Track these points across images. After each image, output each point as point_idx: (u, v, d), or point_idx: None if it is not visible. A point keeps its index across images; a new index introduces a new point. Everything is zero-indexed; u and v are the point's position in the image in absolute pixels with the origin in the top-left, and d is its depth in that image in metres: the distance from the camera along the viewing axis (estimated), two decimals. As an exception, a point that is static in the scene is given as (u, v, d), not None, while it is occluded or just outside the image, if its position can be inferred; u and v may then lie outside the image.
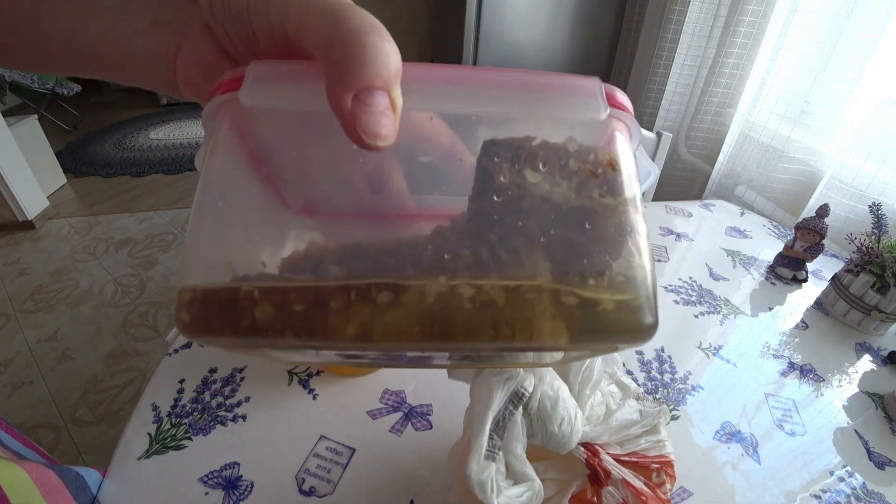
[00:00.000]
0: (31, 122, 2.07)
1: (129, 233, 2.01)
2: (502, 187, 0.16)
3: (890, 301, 0.59)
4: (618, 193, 0.17)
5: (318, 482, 0.40)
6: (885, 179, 0.81)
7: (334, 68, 0.14)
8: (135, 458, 0.41)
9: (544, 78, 0.17)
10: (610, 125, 0.18)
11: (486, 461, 0.26)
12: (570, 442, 0.28)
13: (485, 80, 0.16)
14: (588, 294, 0.16)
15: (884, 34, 0.83)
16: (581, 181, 0.17)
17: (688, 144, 1.36)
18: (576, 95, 0.17)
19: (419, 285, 0.15)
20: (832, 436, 0.48)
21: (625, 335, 0.16)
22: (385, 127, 0.14)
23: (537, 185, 0.16)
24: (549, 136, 0.17)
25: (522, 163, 0.17)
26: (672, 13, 1.30)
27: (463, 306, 0.15)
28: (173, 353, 0.51)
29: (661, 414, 0.32)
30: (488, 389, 0.27)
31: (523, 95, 0.16)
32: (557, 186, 0.16)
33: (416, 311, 0.15)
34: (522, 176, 0.16)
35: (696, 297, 0.66)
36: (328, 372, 0.49)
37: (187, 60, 0.19)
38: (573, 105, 0.17)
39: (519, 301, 0.15)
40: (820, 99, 0.94)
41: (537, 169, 0.16)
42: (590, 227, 0.16)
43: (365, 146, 0.14)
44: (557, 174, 0.17)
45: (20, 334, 1.46)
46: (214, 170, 0.17)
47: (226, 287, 0.15)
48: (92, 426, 1.20)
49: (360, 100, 0.13)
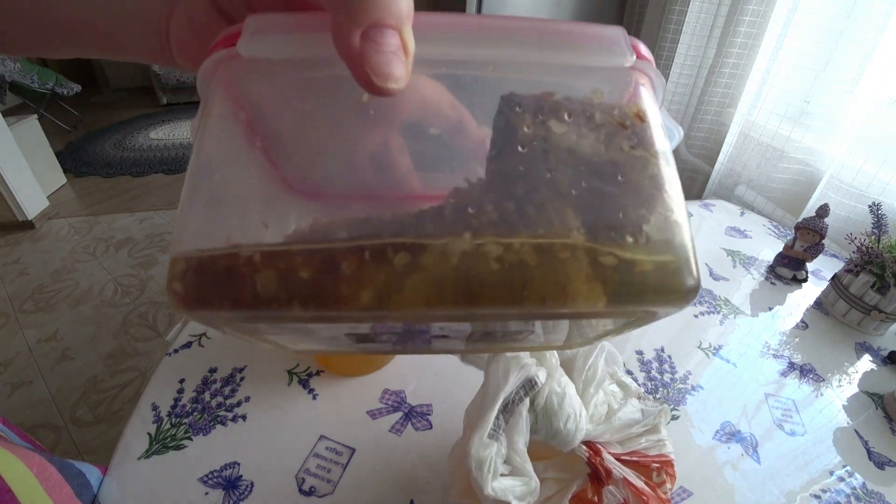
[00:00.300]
0: (31, 121, 2.07)
1: (129, 233, 2.01)
2: (526, 138, 0.15)
3: (890, 301, 0.59)
4: (649, 146, 0.16)
5: (318, 482, 0.40)
6: (885, 179, 0.80)
7: (341, 7, 0.12)
8: (135, 457, 0.41)
9: (566, 25, 0.16)
10: (633, 78, 0.17)
11: (489, 439, 0.25)
12: (574, 439, 0.28)
13: (503, 27, 0.15)
14: (626, 254, 0.14)
15: (884, 34, 0.83)
16: (609, 133, 0.15)
17: (688, 144, 1.36)
18: (601, 41, 0.16)
19: (441, 244, 0.13)
20: (832, 436, 0.48)
21: (667, 298, 0.14)
22: (397, 68, 0.12)
23: (564, 137, 0.15)
24: (571, 88, 0.16)
25: (546, 113, 0.15)
26: (672, 13, 1.30)
27: (490, 267, 0.13)
28: (173, 353, 0.51)
29: (661, 413, 0.33)
30: (505, 371, 0.26)
31: (544, 40, 0.15)
32: (585, 138, 0.15)
33: (438, 274, 0.13)
34: (547, 127, 0.15)
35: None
36: (328, 372, 0.49)
37: (181, 21, 0.18)
38: (598, 51, 0.16)
39: (552, 261, 0.14)
40: (820, 99, 0.94)
41: (563, 120, 0.15)
42: (623, 180, 0.15)
43: (374, 89, 0.13)
44: (584, 125, 0.16)
45: (20, 334, 1.46)
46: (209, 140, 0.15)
47: (223, 253, 0.13)
48: (92, 426, 1.20)
49: (369, 37, 0.12)
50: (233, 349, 0.51)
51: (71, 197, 2.29)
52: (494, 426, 0.26)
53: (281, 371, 0.50)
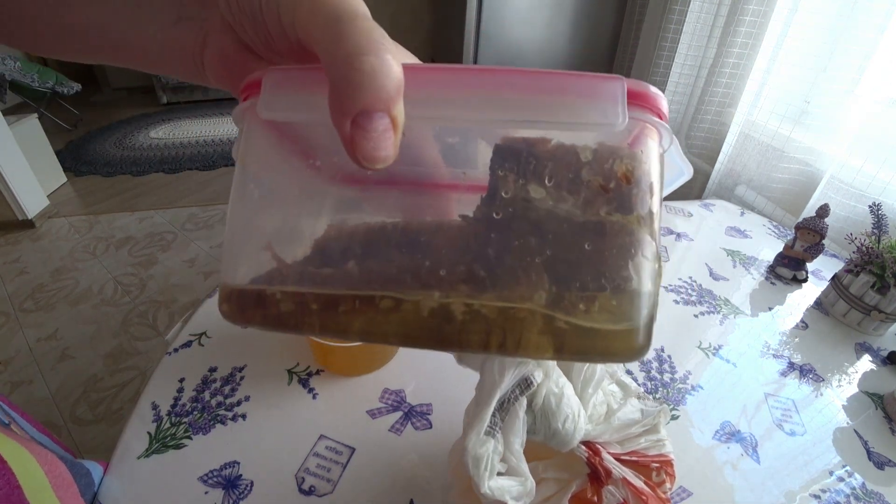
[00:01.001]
0: (32, 120, 2.06)
1: (129, 232, 2.01)
2: (504, 203, 0.16)
3: (890, 301, 0.59)
4: (628, 210, 0.16)
5: (318, 481, 0.40)
6: (885, 179, 0.81)
7: (334, 89, 0.14)
8: (135, 457, 0.41)
9: (559, 80, 0.15)
10: (637, 126, 0.16)
11: (485, 436, 0.26)
12: (572, 440, 0.28)
13: (493, 83, 0.15)
14: (577, 321, 0.16)
15: (884, 34, 0.83)
16: (589, 196, 0.16)
17: (688, 144, 1.36)
18: (594, 100, 0.15)
19: (415, 300, 0.16)
20: (832, 436, 0.48)
21: (613, 358, 0.16)
22: (383, 149, 0.14)
23: (542, 202, 0.16)
24: (566, 139, 0.16)
25: (529, 175, 0.16)
26: (672, 13, 1.30)
27: (455, 319, 0.16)
28: (173, 353, 0.51)
29: (661, 413, 0.33)
30: (501, 369, 0.27)
31: (535, 100, 0.15)
32: (563, 202, 0.16)
33: (412, 319, 0.16)
34: (526, 190, 0.16)
35: (696, 296, 0.66)
36: (328, 371, 0.49)
37: (214, 54, 0.19)
38: (589, 111, 0.15)
39: (510, 319, 0.16)
40: (820, 99, 0.94)
41: (543, 183, 0.16)
42: (590, 248, 0.16)
43: (364, 168, 0.14)
44: (565, 188, 0.16)
45: (20, 333, 1.46)
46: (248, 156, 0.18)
47: (255, 289, 0.18)
48: (92, 425, 1.20)
49: (358, 124, 0.13)
50: (233, 349, 0.51)
51: (71, 196, 2.29)
52: (491, 423, 0.26)
53: (281, 370, 0.50)
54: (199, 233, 2.00)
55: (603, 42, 1.68)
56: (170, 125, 3.16)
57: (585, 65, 1.70)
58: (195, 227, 2.05)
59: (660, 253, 0.17)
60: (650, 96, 0.16)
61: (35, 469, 0.31)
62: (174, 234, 1.99)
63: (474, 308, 0.16)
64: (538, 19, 1.55)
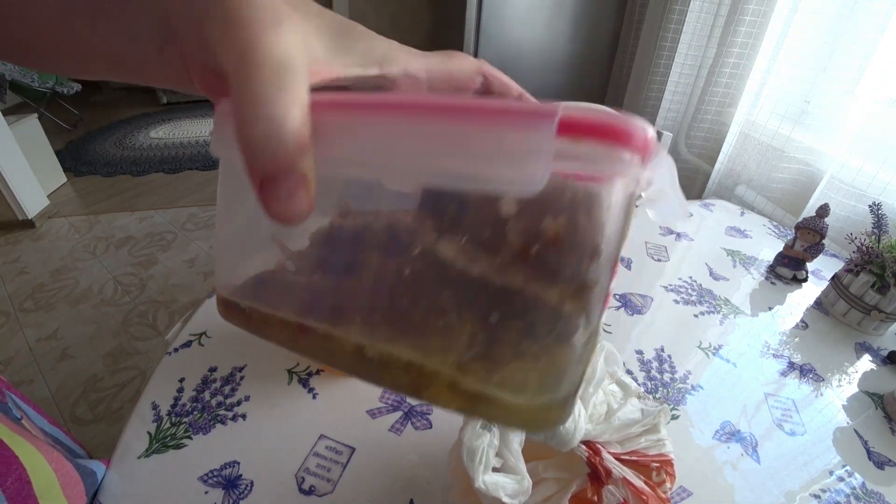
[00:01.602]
0: (32, 120, 2.06)
1: (130, 232, 2.01)
2: (417, 256, 0.15)
3: (890, 301, 0.59)
4: (550, 281, 0.13)
5: (318, 481, 0.40)
6: (885, 179, 0.81)
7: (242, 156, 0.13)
8: (135, 456, 0.41)
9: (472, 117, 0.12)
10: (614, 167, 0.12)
11: (481, 429, 0.26)
12: (572, 439, 0.28)
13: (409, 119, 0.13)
14: (482, 389, 0.14)
15: (884, 34, 0.83)
16: (506, 260, 0.13)
17: (688, 144, 1.36)
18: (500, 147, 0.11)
19: (340, 337, 0.17)
20: (832, 435, 0.48)
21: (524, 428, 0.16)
22: (295, 206, 0.13)
23: (454, 260, 0.14)
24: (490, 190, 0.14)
25: (445, 228, 0.14)
26: (672, 13, 1.30)
27: (371, 360, 0.16)
28: (173, 353, 0.51)
29: (661, 413, 0.33)
30: None
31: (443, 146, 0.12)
32: (476, 263, 0.14)
33: (342, 352, 0.17)
34: (436, 248, 0.15)
35: (696, 296, 0.66)
36: (328, 371, 0.49)
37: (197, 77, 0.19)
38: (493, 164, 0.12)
39: (418, 372, 0.15)
40: (820, 99, 0.94)
41: (456, 241, 0.14)
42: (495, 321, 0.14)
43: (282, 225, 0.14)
44: (483, 246, 0.14)
45: (20, 333, 1.46)
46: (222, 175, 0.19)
47: (236, 303, 0.20)
48: (92, 425, 1.20)
49: (265, 189, 0.13)
50: (233, 349, 0.51)
51: (71, 196, 2.29)
52: None
53: (281, 370, 0.50)
54: (199, 233, 2.00)
55: (603, 42, 1.68)
56: (170, 125, 3.16)
57: (585, 65, 1.70)
58: (195, 226, 2.04)
59: (597, 326, 0.14)
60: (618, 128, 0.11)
61: (45, 467, 0.32)
62: (174, 234, 1.99)
63: (385, 356, 0.16)
64: (538, 19, 1.55)
